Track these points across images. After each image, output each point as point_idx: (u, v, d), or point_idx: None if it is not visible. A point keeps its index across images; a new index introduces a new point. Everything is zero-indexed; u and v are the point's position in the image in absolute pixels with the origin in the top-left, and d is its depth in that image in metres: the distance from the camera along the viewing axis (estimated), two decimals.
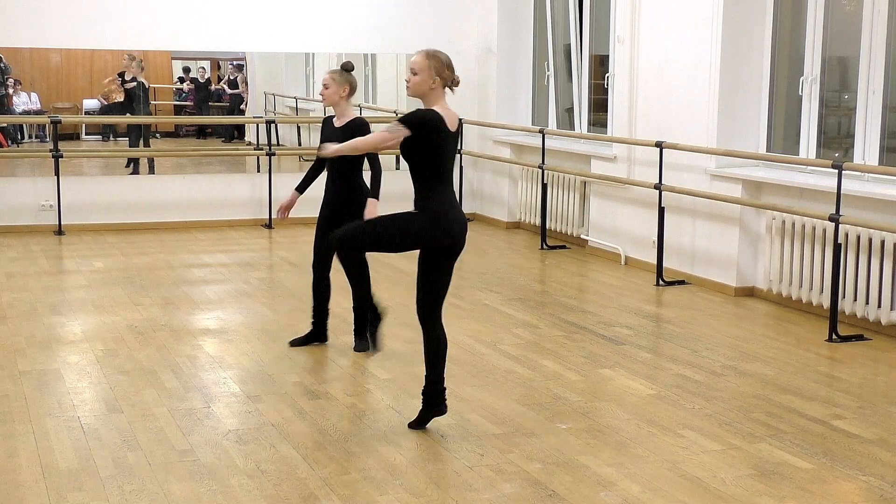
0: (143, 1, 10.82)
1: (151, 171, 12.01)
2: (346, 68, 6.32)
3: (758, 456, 4.74)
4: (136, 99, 12.16)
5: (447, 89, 4.89)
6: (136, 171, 12.02)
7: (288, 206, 6.48)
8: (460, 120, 5.02)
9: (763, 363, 6.26)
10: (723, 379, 5.93)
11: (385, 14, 11.61)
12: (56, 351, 6.43)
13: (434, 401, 5.04)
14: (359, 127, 6.20)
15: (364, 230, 5.03)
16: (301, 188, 6.53)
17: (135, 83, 12.12)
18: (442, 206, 4.87)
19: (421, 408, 5.08)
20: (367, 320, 5.65)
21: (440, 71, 4.83)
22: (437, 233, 4.87)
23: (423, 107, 4.90)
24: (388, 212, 5.18)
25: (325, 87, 6.27)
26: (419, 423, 5.06)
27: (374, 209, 6.12)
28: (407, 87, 4.90)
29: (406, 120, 4.76)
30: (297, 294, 7.05)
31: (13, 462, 4.58)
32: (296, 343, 6.55)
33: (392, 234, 4.92)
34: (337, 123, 6.35)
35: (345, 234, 4.99)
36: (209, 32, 11.12)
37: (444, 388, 5.06)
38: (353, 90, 6.30)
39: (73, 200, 10.72)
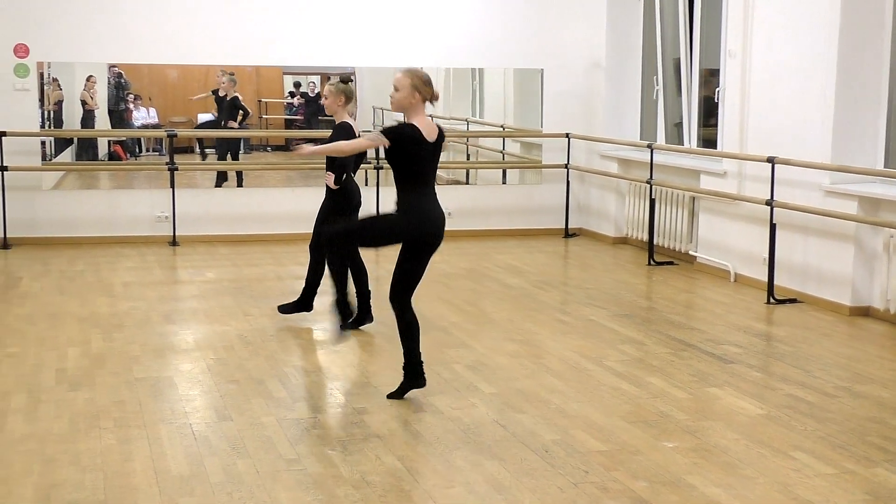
0: (256, 19, 11.10)
1: (239, 184, 12.18)
2: (343, 80, 7.24)
3: (873, 481, 4.60)
4: (227, 114, 12.39)
5: (427, 103, 5.50)
6: (227, 182, 12.21)
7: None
8: (441, 131, 5.54)
9: (879, 385, 6.07)
10: (836, 400, 5.77)
11: (492, 29, 11.66)
12: (169, 359, 6.60)
13: (413, 373, 5.64)
14: (337, 128, 7.09)
15: (353, 229, 5.70)
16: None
17: (227, 98, 12.35)
18: (423, 208, 5.47)
19: (402, 380, 5.67)
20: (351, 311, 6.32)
21: (419, 87, 5.43)
22: (419, 231, 5.48)
23: (403, 120, 5.57)
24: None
25: (325, 97, 7.23)
26: (398, 394, 5.66)
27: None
28: (391, 102, 5.51)
29: (387, 131, 5.40)
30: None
31: (128, 466, 4.71)
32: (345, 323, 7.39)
33: (380, 231, 5.60)
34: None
35: (335, 232, 5.63)
36: (319, 48, 11.35)
37: (422, 363, 5.65)
38: (348, 99, 7.19)
39: (187, 212, 11.01)
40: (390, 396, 5.67)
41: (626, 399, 5.77)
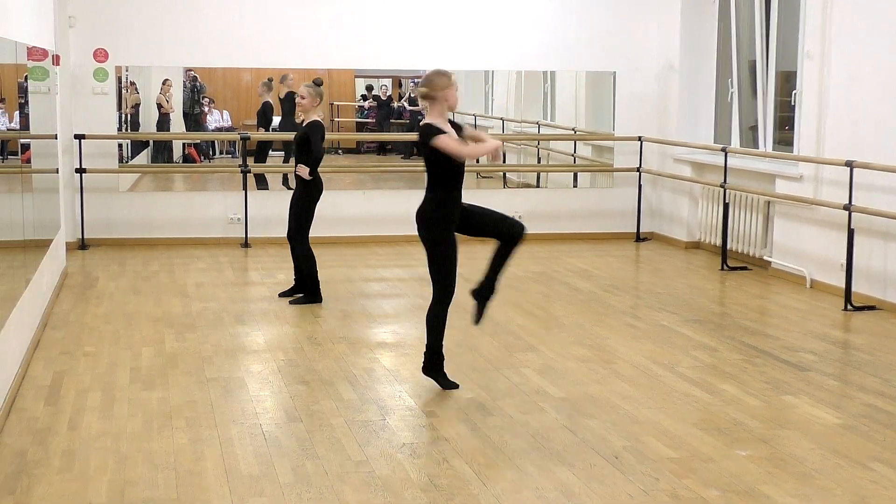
0: (329, 23, 11.18)
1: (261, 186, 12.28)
2: (318, 83, 7.99)
3: None
4: (261, 120, 12.52)
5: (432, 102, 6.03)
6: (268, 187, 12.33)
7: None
8: (421, 133, 6.10)
9: None
10: None
11: (564, 32, 11.60)
12: (240, 359, 6.66)
13: (428, 359, 5.99)
14: (310, 126, 7.89)
15: None
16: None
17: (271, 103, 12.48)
18: None
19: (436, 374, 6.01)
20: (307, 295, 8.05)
21: None
22: None
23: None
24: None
25: (302, 97, 7.93)
26: (445, 385, 5.96)
27: (301, 171, 7.92)
28: None
29: None
30: (471, 310, 7.06)
31: (200, 465, 4.76)
32: (284, 294, 8.32)
33: None
34: (305, 124, 8.05)
35: None
36: (391, 52, 11.39)
37: (439, 355, 5.97)
38: (321, 100, 8.00)
39: (259, 214, 11.12)
40: (444, 387, 5.94)
41: (699, 406, 5.69)
